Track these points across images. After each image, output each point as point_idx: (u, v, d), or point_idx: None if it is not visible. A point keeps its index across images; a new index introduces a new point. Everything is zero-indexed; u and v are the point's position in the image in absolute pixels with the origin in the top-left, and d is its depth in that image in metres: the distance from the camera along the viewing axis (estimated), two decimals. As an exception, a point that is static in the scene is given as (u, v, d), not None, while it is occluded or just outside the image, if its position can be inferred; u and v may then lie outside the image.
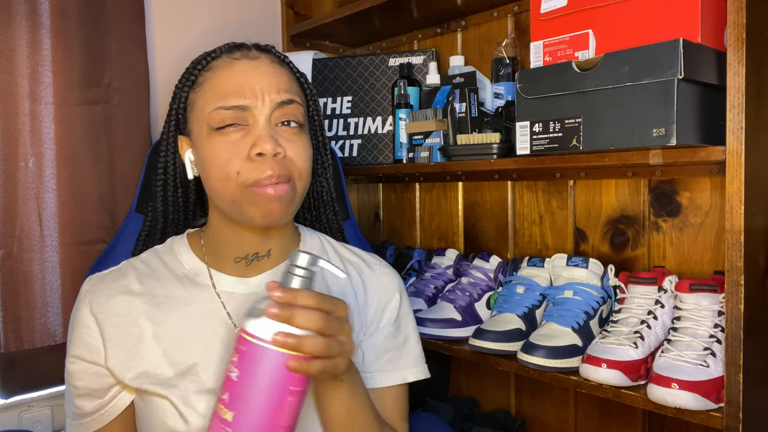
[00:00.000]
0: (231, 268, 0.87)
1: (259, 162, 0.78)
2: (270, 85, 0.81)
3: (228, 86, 0.81)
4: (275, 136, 0.80)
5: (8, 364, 1.29)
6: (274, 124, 0.81)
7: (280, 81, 0.83)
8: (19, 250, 1.29)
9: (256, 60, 0.83)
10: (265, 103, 0.80)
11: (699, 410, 0.90)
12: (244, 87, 0.80)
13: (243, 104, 0.80)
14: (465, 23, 1.55)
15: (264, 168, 0.78)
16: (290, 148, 0.81)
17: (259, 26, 1.74)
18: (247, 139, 0.79)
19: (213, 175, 0.81)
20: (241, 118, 0.80)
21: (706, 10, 0.93)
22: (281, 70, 0.85)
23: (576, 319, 1.11)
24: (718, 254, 1.13)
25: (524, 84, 1.08)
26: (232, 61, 0.83)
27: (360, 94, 1.58)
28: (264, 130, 0.80)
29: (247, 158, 0.79)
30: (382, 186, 1.81)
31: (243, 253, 0.87)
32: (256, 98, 0.80)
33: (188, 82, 0.85)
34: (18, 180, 1.29)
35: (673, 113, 0.89)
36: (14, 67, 1.28)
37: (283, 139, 0.81)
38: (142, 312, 0.82)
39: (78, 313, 0.84)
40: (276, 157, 0.79)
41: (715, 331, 0.96)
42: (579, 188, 1.34)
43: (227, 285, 0.86)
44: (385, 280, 0.95)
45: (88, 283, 0.86)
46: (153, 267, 0.87)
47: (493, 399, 1.53)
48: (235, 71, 0.82)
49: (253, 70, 0.82)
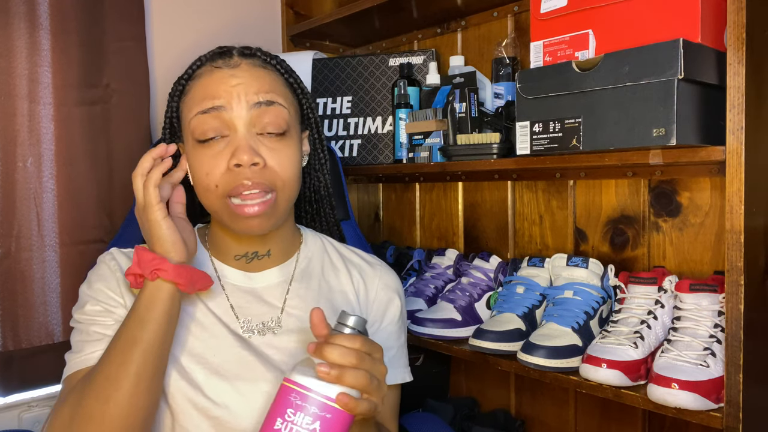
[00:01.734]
0: (234, 263, 0.90)
1: (237, 172, 0.79)
2: (248, 87, 0.82)
3: (206, 92, 0.82)
4: (255, 145, 0.81)
5: (6, 362, 1.29)
6: (256, 133, 0.82)
7: (260, 83, 0.83)
8: (17, 249, 1.29)
9: (237, 67, 0.84)
10: (242, 104, 0.81)
11: (699, 410, 0.90)
12: (220, 90, 0.82)
13: (218, 104, 0.81)
14: (465, 23, 1.55)
15: (240, 178, 0.79)
16: (272, 158, 0.81)
17: (259, 26, 1.74)
18: (227, 150, 0.81)
19: (197, 186, 0.83)
20: (220, 127, 0.81)
21: (706, 10, 0.92)
22: (263, 73, 0.85)
23: (576, 319, 1.11)
24: (718, 254, 1.13)
25: (524, 84, 1.08)
26: (213, 69, 0.84)
27: (360, 94, 1.58)
28: (243, 139, 0.80)
29: (227, 170, 0.80)
30: (382, 186, 1.81)
31: (242, 252, 0.90)
32: (231, 98, 0.81)
33: (176, 91, 0.88)
34: (16, 180, 1.29)
35: (673, 113, 0.89)
36: (13, 67, 1.28)
37: (265, 148, 0.82)
38: None
39: (99, 270, 0.86)
40: (255, 167, 0.80)
41: (715, 331, 0.96)
42: (579, 188, 1.34)
43: (231, 278, 0.89)
44: (386, 279, 0.97)
45: (110, 254, 0.88)
46: None
47: (493, 399, 1.53)
48: (215, 78, 0.83)
49: (232, 76, 0.83)
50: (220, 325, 0.85)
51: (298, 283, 0.91)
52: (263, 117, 0.82)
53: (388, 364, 0.91)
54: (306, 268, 0.94)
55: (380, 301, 0.95)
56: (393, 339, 0.95)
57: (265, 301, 0.89)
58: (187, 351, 0.82)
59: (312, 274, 0.93)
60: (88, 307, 0.83)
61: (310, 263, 0.95)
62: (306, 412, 0.63)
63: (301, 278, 0.92)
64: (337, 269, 0.96)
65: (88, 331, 0.82)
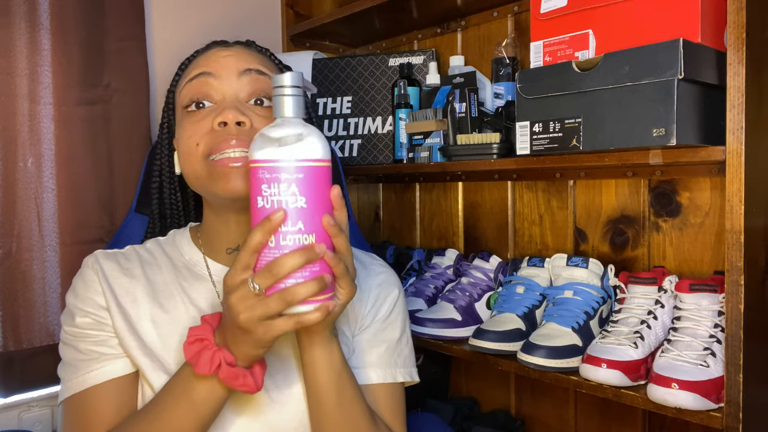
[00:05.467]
0: (225, 258, 0.88)
1: (221, 131, 0.78)
2: (239, 58, 0.82)
3: (196, 65, 0.83)
4: (243, 108, 0.79)
5: (7, 363, 1.29)
6: (244, 101, 0.81)
7: (250, 57, 0.83)
8: (18, 249, 1.29)
9: (230, 48, 0.85)
10: (231, 72, 0.80)
11: (699, 410, 0.90)
12: (210, 61, 0.82)
13: (206, 71, 0.80)
14: (465, 23, 1.55)
15: (224, 136, 0.77)
16: (261, 122, 0.79)
17: (259, 26, 1.74)
18: (214, 113, 0.79)
19: (181, 156, 0.81)
20: (207, 92, 0.80)
21: (706, 10, 0.92)
22: (256, 55, 0.85)
23: (576, 319, 1.11)
24: (718, 254, 1.13)
25: (524, 84, 1.08)
26: (206, 51, 0.86)
27: (360, 94, 1.58)
28: (229, 102, 0.79)
29: (211, 129, 0.78)
30: (382, 186, 1.81)
31: (234, 244, 0.87)
32: (220, 67, 0.81)
33: (173, 83, 0.88)
34: (17, 180, 1.29)
35: (673, 113, 0.89)
36: (13, 67, 1.28)
37: (255, 114, 0.80)
38: (142, 295, 0.83)
39: (84, 279, 0.84)
40: (241, 126, 0.78)
41: (715, 331, 0.96)
42: (579, 188, 1.34)
43: (223, 274, 0.86)
44: (382, 277, 0.94)
45: (93, 257, 0.86)
46: (155, 255, 0.88)
47: (493, 399, 1.53)
48: (206, 55, 0.84)
49: (224, 54, 0.83)
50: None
51: None
52: (253, 84, 0.81)
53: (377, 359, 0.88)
54: None
55: (376, 300, 0.91)
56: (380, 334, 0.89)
57: None
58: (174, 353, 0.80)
59: None
60: (78, 319, 0.81)
61: None
62: (278, 181, 0.64)
63: None
64: None
65: (81, 348, 0.80)
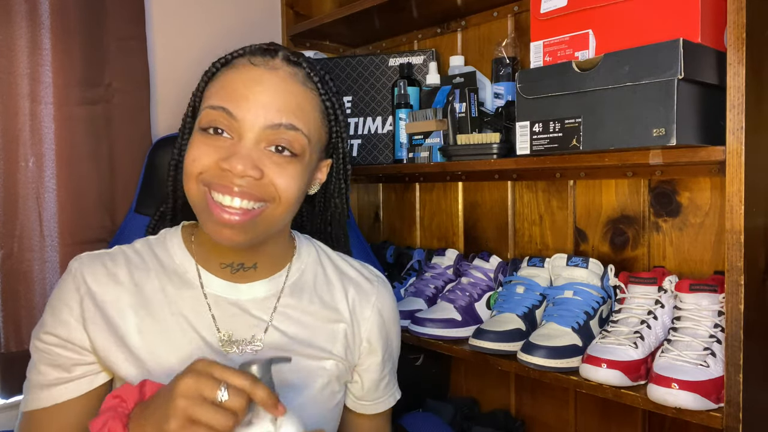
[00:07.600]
0: (219, 271, 0.84)
1: (227, 173, 0.73)
2: (272, 101, 0.75)
3: (229, 88, 0.76)
4: (257, 159, 0.74)
5: (8, 364, 1.29)
6: (263, 147, 0.75)
7: (287, 101, 0.76)
8: (19, 250, 1.29)
9: (273, 71, 0.77)
10: (258, 119, 0.74)
11: (699, 410, 0.90)
12: (241, 93, 0.74)
13: (229, 108, 0.74)
14: (465, 23, 1.55)
15: (230, 179, 0.73)
16: (274, 172, 0.75)
17: (259, 26, 1.74)
18: (226, 149, 0.74)
19: (184, 166, 0.77)
20: (230, 126, 0.74)
21: (706, 10, 0.93)
22: (298, 90, 0.77)
23: (576, 319, 1.11)
24: (718, 254, 1.13)
25: (524, 84, 1.08)
26: (249, 65, 0.77)
27: (360, 94, 1.58)
28: (245, 148, 0.73)
29: (216, 164, 0.74)
30: (382, 186, 1.81)
31: (228, 260, 0.83)
32: (248, 111, 0.74)
33: (209, 73, 0.81)
34: (18, 180, 1.29)
35: (673, 113, 0.89)
36: (14, 67, 1.28)
37: (271, 162, 0.75)
38: (128, 305, 0.79)
39: (62, 291, 0.79)
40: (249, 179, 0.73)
41: (715, 331, 0.96)
42: (579, 188, 1.34)
43: (216, 288, 0.83)
44: (384, 299, 0.93)
45: (78, 261, 0.81)
46: (144, 258, 0.84)
47: (493, 399, 1.53)
48: (245, 76, 0.76)
49: (259, 83, 0.75)
50: (198, 339, 0.79)
51: (287, 298, 0.85)
52: (279, 136, 0.75)
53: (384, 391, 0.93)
54: (297, 281, 0.88)
55: (381, 325, 0.91)
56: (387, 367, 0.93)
57: (251, 315, 0.83)
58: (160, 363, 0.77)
59: (303, 288, 0.87)
60: (42, 334, 0.78)
61: (302, 276, 0.89)
62: None
63: (291, 293, 0.86)
64: (331, 284, 0.90)
65: (40, 368, 0.79)
